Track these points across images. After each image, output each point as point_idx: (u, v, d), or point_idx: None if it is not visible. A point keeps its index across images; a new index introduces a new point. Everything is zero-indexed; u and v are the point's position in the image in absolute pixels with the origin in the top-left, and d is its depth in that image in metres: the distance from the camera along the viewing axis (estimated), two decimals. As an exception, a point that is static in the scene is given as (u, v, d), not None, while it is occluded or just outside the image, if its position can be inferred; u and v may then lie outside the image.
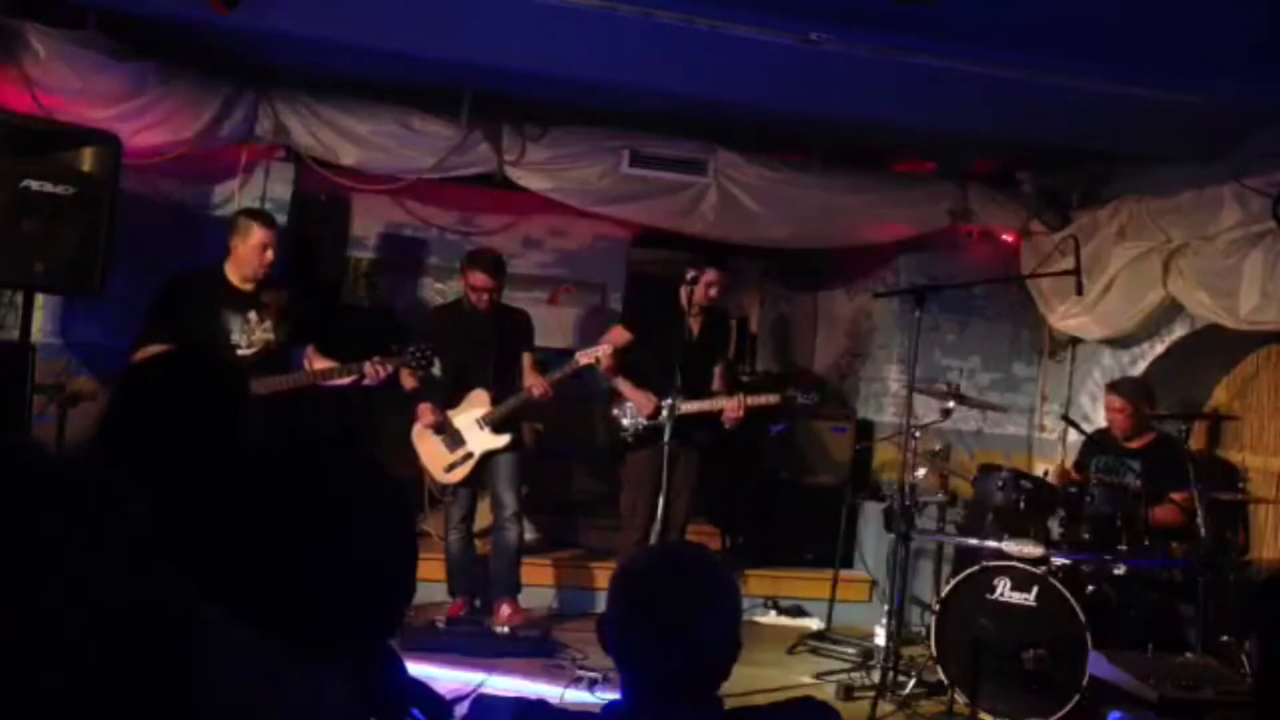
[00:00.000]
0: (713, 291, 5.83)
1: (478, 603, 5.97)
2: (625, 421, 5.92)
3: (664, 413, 5.64)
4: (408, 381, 5.67)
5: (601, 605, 2.00)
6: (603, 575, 6.40)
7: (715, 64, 4.96)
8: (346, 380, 5.25)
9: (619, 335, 5.99)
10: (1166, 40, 4.46)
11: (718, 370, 6.06)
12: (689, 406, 5.66)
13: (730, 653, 1.88)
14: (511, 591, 5.90)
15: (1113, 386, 5.97)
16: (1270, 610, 2.14)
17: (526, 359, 5.94)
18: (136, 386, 2.22)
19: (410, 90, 6.00)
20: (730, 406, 5.77)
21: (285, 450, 1.64)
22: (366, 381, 5.23)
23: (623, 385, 5.92)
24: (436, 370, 5.83)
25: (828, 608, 6.51)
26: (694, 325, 5.86)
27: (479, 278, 5.76)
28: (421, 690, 2.34)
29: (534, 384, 5.77)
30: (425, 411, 5.81)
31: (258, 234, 5.19)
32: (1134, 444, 5.80)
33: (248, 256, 5.19)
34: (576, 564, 6.69)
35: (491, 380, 5.84)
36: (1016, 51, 4.70)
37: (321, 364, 5.29)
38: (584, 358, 5.77)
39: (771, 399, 5.88)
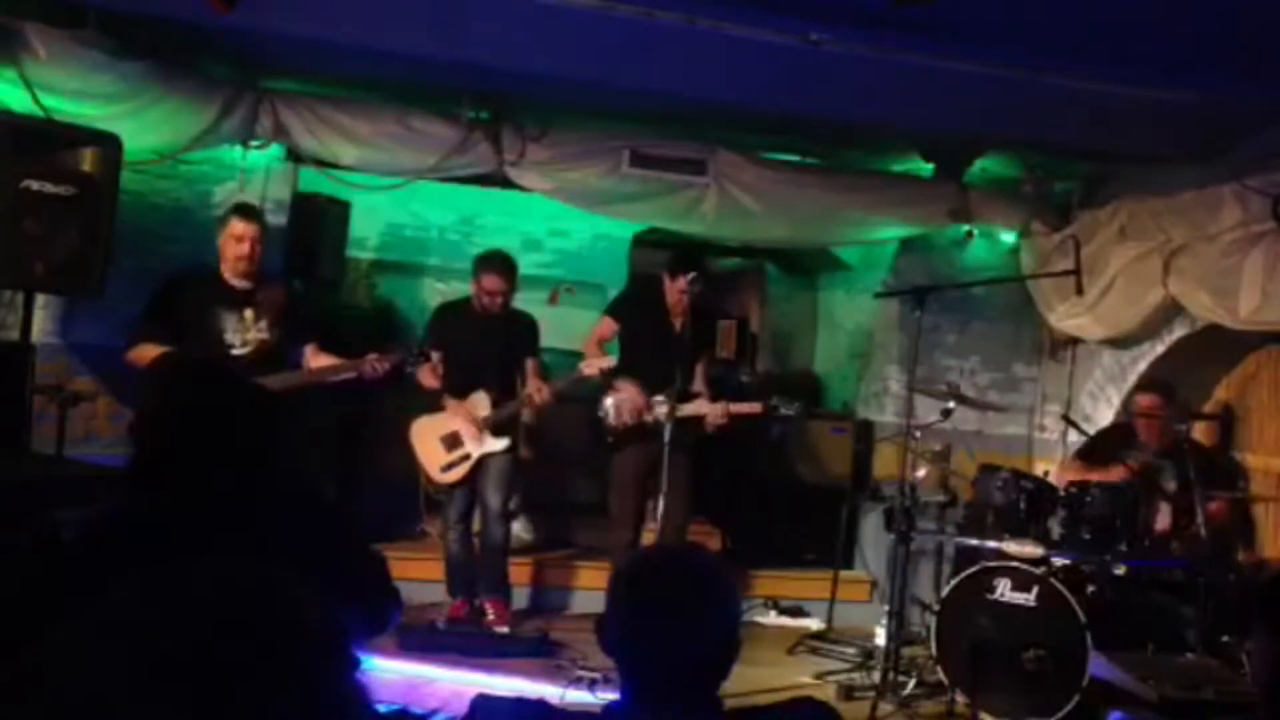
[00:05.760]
0: (685, 298, 5.79)
1: (477, 603, 5.96)
2: (610, 422, 5.90)
3: (655, 414, 5.65)
4: (427, 380, 5.65)
5: (600, 605, 1.99)
6: (601, 575, 6.38)
7: (715, 64, 4.96)
8: (346, 377, 5.25)
9: (607, 327, 5.98)
10: (1166, 40, 4.47)
11: (699, 369, 6.02)
12: (688, 408, 5.66)
13: (730, 653, 1.88)
14: (497, 590, 5.88)
15: (1151, 387, 5.89)
16: None
17: (530, 364, 5.91)
18: (170, 406, 2.23)
19: (410, 90, 6.00)
20: (714, 414, 5.77)
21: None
22: (366, 376, 5.22)
23: (622, 386, 5.90)
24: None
25: (828, 608, 6.51)
26: (676, 325, 5.84)
27: (492, 281, 5.70)
28: None
29: (536, 391, 5.76)
30: (462, 412, 5.78)
31: (235, 225, 5.19)
32: (1163, 446, 5.72)
33: (228, 249, 5.19)
34: (574, 564, 6.68)
35: (493, 383, 5.82)
36: (1016, 51, 4.71)
37: (320, 361, 5.30)
38: (587, 369, 5.75)
39: (755, 408, 5.86)
